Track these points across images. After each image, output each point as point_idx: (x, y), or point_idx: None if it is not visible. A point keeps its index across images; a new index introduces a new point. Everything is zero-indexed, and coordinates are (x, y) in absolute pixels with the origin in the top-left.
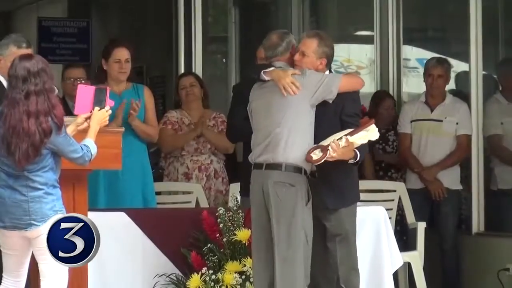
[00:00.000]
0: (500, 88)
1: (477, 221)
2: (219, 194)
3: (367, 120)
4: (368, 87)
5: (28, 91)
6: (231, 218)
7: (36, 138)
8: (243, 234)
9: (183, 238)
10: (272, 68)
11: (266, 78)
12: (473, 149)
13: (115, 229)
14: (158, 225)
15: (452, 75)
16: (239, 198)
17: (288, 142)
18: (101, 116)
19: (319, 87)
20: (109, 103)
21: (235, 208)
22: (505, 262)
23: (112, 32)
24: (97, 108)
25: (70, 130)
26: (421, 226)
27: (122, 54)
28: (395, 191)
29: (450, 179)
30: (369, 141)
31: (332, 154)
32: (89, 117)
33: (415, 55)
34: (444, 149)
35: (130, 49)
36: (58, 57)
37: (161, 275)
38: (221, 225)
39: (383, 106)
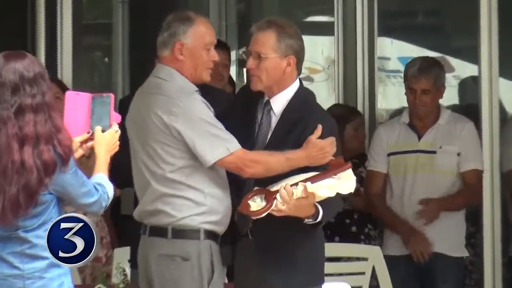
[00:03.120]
0: None
1: None
2: (97, 264)
3: (341, 162)
4: (325, 100)
5: (20, 105)
6: None
7: (32, 177)
8: None
9: None
10: None
11: None
12: (484, 192)
13: None
14: None
15: (454, 82)
16: (128, 270)
17: (167, 192)
18: (110, 139)
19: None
20: (116, 118)
21: (121, 285)
22: None
23: None
24: (99, 128)
25: None
26: None
27: None
28: (367, 259)
29: (450, 242)
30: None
31: (280, 207)
32: (85, 141)
33: (397, 52)
34: (439, 194)
35: None
36: None
37: None
38: None
39: (349, 128)
